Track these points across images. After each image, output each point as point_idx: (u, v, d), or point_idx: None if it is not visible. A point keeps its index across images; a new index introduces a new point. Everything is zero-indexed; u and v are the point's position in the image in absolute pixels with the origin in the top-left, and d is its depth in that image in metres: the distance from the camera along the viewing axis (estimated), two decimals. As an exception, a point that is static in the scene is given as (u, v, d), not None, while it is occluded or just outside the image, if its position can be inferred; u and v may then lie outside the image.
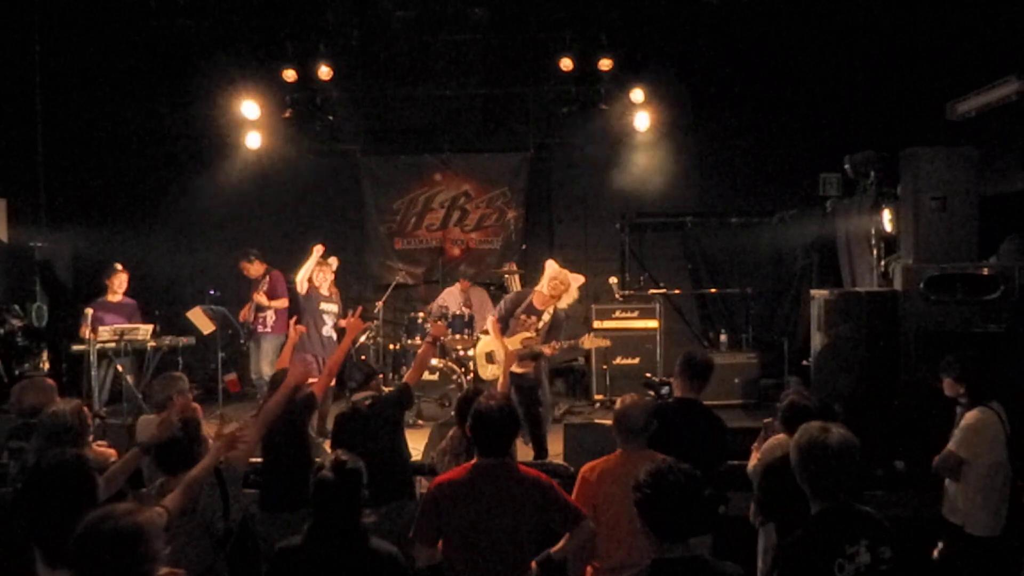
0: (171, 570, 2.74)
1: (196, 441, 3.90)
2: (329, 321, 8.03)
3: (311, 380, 7.30)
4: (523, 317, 6.64)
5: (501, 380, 6.11)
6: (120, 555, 2.38)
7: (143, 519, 2.45)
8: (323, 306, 8.06)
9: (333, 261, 8.25)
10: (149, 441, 3.92)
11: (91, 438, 5.40)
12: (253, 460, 4.58)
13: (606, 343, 7.24)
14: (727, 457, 4.56)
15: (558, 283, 6.60)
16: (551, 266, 6.76)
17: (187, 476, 3.57)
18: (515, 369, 6.48)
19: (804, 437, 2.97)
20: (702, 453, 3.87)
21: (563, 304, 6.68)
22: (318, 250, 8.02)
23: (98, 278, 8.56)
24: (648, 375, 8.16)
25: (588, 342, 6.80)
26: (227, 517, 3.76)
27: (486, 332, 6.99)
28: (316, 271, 8.03)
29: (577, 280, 6.72)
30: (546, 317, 6.60)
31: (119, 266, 8.47)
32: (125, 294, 8.53)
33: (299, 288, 8.03)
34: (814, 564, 2.81)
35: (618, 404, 4.00)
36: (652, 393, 6.89)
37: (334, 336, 8.07)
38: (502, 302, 7.06)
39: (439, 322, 7.65)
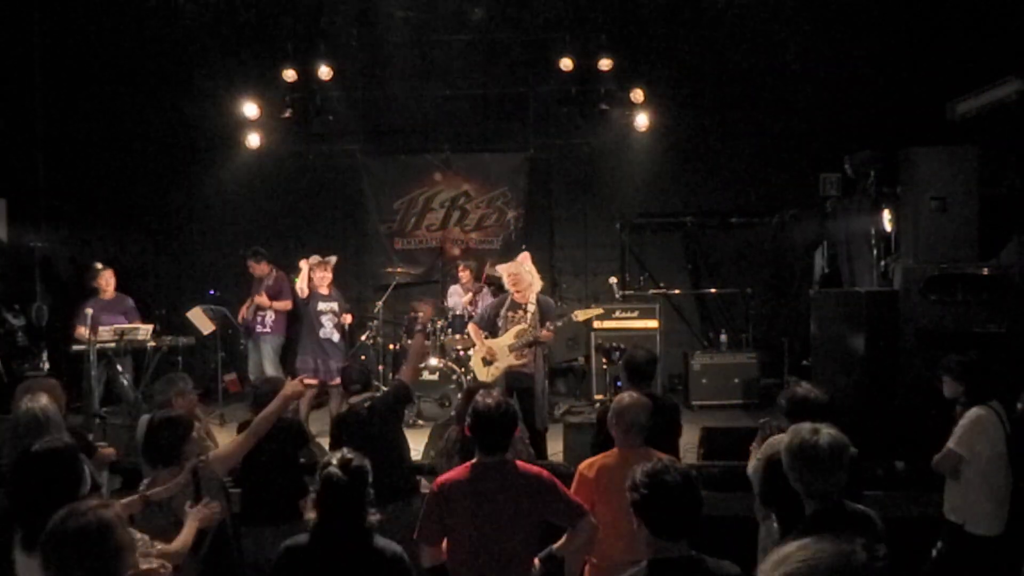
0: (144, 569, 2.74)
1: (184, 440, 3.90)
2: (328, 322, 8.03)
3: (309, 382, 7.36)
4: (510, 314, 6.67)
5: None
6: (87, 551, 2.37)
7: (111, 514, 2.44)
8: (321, 306, 8.06)
9: (332, 259, 8.25)
10: (155, 496, 3.82)
11: (91, 436, 5.41)
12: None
13: (599, 311, 7.25)
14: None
15: (514, 277, 6.66)
16: (503, 271, 6.84)
17: (177, 541, 3.50)
18: (512, 362, 6.48)
19: (795, 439, 2.99)
20: (665, 439, 4.19)
21: (537, 286, 6.73)
22: (305, 263, 8.04)
23: (91, 279, 8.51)
24: (599, 341, 8.19)
25: (580, 315, 6.81)
26: None
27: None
28: (316, 271, 8.02)
29: (524, 259, 6.83)
30: (531, 308, 6.61)
31: (99, 265, 8.35)
32: (117, 290, 8.47)
33: (300, 294, 8.05)
34: None
35: (614, 402, 4.01)
36: (605, 360, 6.92)
37: (333, 337, 8.05)
38: (482, 308, 7.08)
39: (426, 306, 7.59)
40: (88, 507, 2.44)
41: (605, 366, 6.85)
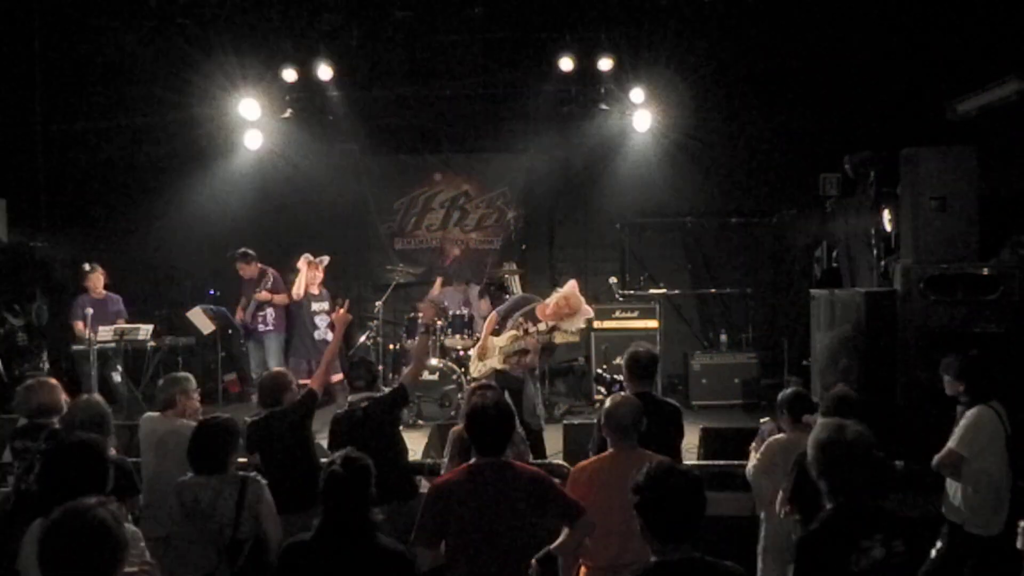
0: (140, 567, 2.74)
1: (233, 446, 3.89)
2: (321, 323, 8.06)
3: (304, 382, 7.38)
4: (521, 319, 6.64)
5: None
6: (85, 551, 2.37)
7: (107, 516, 2.44)
8: (315, 307, 8.08)
9: (324, 259, 8.28)
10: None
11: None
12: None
13: (575, 339, 7.27)
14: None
15: (565, 305, 6.41)
16: (569, 287, 6.55)
17: None
18: (497, 366, 6.47)
19: (822, 435, 3.03)
20: (664, 441, 4.15)
21: (564, 326, 6.55)
22: (305, 259, 8.05)
23: (81, 279, 8.50)
24: (599, 371, 8.21)
25: (559, 337, 6.79)
26: (236, 527, 3.73)
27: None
28: (309, 271, 8.08)
29: (586, 313, 6.55)
30: (542, 327, 6.53)
31: (87, 266, 8.38)
32: (107, 288, 8.45)
33: (295, 297, 8.07)
34: (830, 558, 2.84)
35: (607, 403, 4.00)
36: (604, 390, 6.92)
37: (327, 337, 8.09)
38: (510, 300, 7.06)
39: (428, 305, 7.58)
40: (87, 506, 2.43)
41: (603, 393, 6.86)
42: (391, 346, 9.17)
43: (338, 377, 7.84)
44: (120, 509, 2.63)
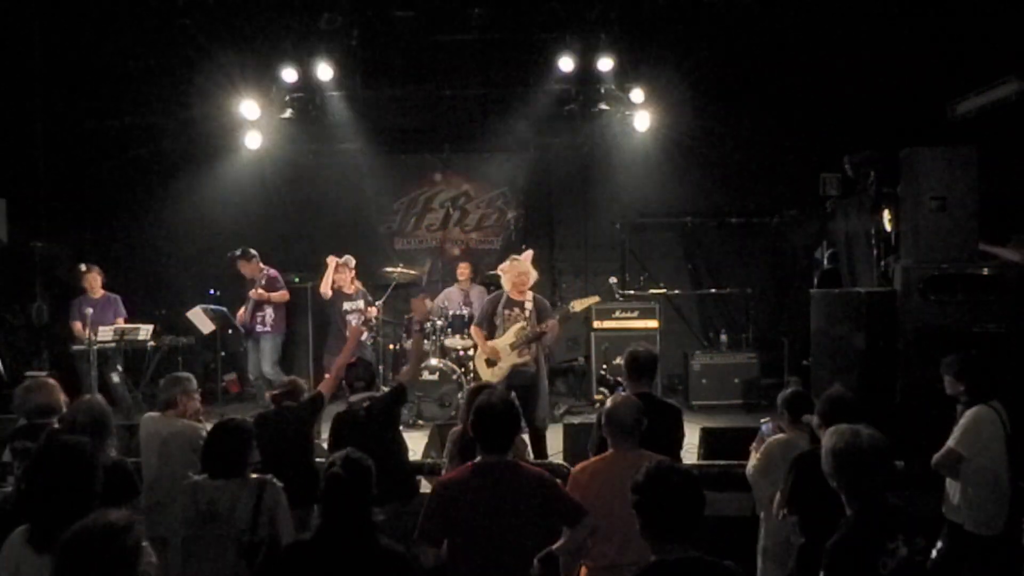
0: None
1: (248, 449, 3.86)
2: (355, 321, 8.06)
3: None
4: (507, 312, 6.66)
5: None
6: (103, 565, 2.39)
7: (127, 527, 2.46)
8: (346, 306, 8.08)
9: (350, 259, 8.28)
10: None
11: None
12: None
13: (595, 299, 7.25)
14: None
15: (517, 277, 6.62)
16: (504, 273, 6.75)
17: None
18: (516, 360, 6.48)
19: (838, 442, 3.04)
20: (665, 442, 4.15)
21: (531, 276, 6.70)
22: (332, 260, 8.07)
23: (77, 280, 8.48)
24: (602, 372, 8.19)
25: (578, 305, 6.81)
26: (254, 531, 3.71)
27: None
28: (336, 272, 8.09)
29: (526, 257, 6.74)
30: (528, 305, 6.61)
31: (84, 267, 8.37)
32: (105, 288, 8.44)
33: (324, 296, 8.07)
34: (861, 564, 2.85)
35: (608, 403, 4.00)
36: (606, 391, 6.93)
37: (364, 336, 8.07)
38: (480, 309, 7.08)
39: (419, 304, 7.57)
40: (106, 519, 2.45)
41: (605, 394, 6.84)
42: (391, 346, 9.18)
43: None
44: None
